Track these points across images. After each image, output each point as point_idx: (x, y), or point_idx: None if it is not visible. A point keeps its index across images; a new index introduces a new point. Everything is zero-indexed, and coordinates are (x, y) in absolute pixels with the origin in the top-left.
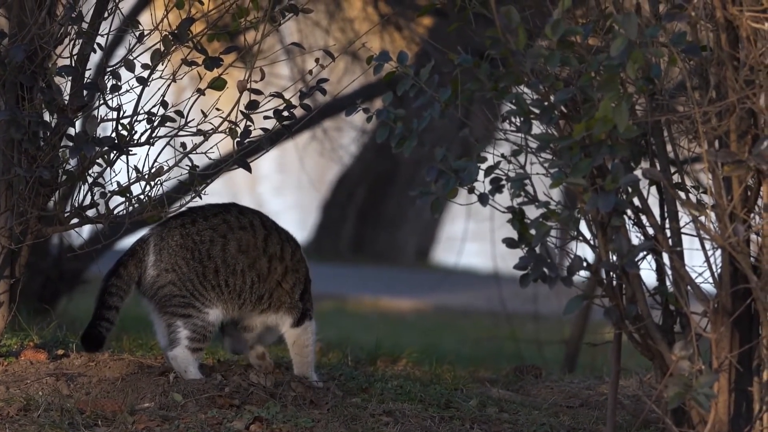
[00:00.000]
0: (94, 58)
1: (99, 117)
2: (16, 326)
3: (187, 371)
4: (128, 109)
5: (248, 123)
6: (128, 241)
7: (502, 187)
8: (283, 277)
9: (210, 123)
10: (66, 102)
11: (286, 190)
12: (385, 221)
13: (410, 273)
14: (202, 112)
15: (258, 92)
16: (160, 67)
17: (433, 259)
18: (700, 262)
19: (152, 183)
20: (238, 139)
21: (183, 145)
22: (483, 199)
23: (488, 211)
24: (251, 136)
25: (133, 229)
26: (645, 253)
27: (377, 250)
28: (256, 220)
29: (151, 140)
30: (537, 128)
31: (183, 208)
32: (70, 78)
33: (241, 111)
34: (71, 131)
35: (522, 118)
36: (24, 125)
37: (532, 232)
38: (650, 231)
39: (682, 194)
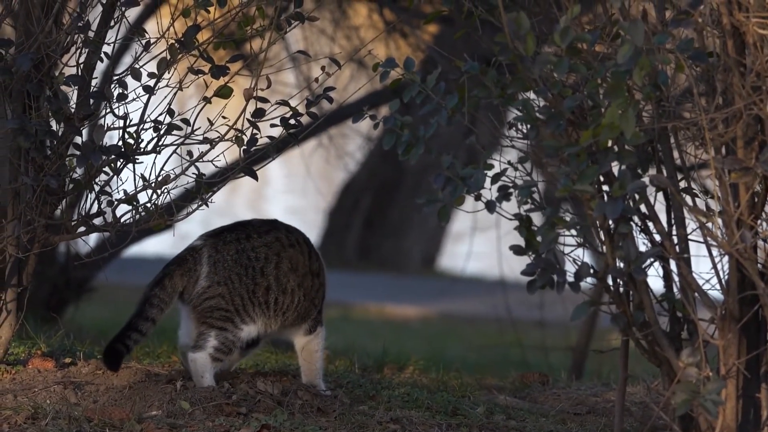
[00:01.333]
0: (101, 66)
1: (106, 126)
2: (24, 335)
3: (203, 377)
4: (135, 117)
5: (254, 131)
6: (135, 249)
7: (509, 194)
8: (317, 292)
9: (216, 131)
10: (73, 111)
11: (292, 197)
12: (390, 228)
13: (416, 280)
14: (209, 120)
15: (264, 100)
16: (166, 75)
17: (438, 266)
18: (707, 269)
19: (159, 191)
20: (245, 147)
21: (189, 153)
22: (490, 206)
23: (494, 218)
24: (257, 143)
25: (140, 237)
26: (652, 259)
27: (383, 257)
28: (300, 237)
29: (158, 148)
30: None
31: (231, 224)
32: (76, 87)
33: (247, 119)
34: (78, 140)
35: (529, 125)
36: (31, 134)
37: (539, 239)
38: (657, 238)
39: (689, 200)
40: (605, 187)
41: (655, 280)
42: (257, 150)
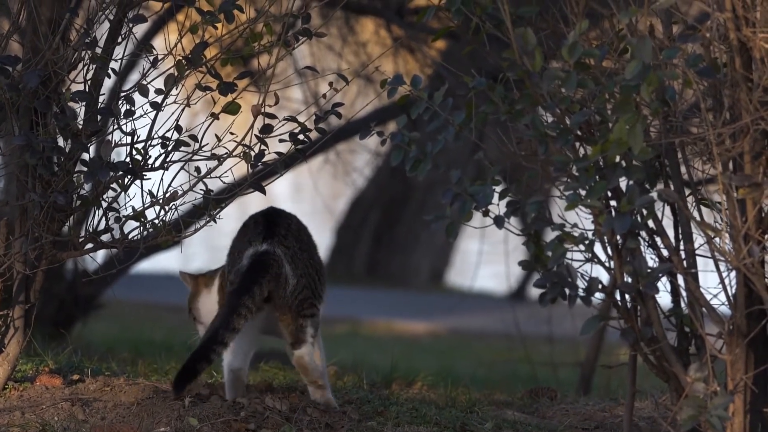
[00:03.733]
0: (108, 83)
1: (113, 142)
2: (32, 351)
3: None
4: (142, 133)
5: (262, 147)
6: (143, 265)
7: (518, 209)
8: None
9: (224, 147)
10: (80, 127)
11: (300, 212)
12: (399, 244)
13: (424, 296)
14: (216, 136)
15: (272, 116)
16: (174, 91)
17: (447, 282)
18: (714, 284)
19: (167, 207)
20: (253, 163)
21: (197, 169)
22: (499, 221)
23: (502, 233)
24: (265, 159)
25: (148, 253)
26: (662, 274)
27: (391, 273)
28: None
29: (166, 165)
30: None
31: (264, 219)
32: (84, 103)
33: (255, 135)
34: (85, 156)
35: (538, 141)
36: (39, 150)
37: (548, 254)
38: (665, 252)
39: (697, 215)
40: (613, 202)
41: (662, 295)
42: (265, 166)
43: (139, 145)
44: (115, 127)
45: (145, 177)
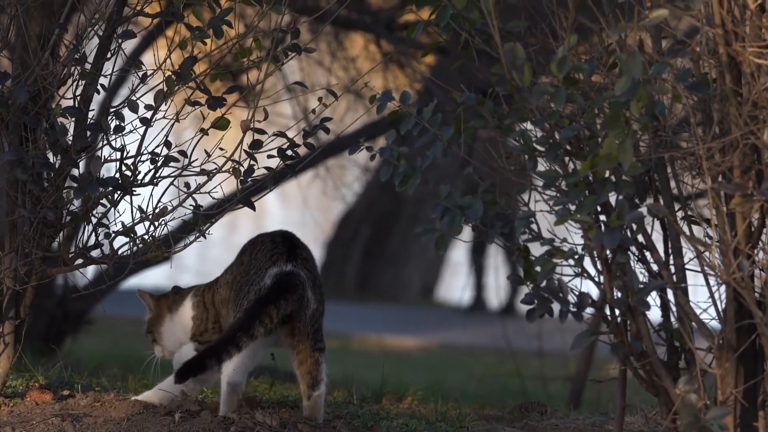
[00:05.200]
0: (98, 98)
1: (103, 157)
2: (22, 367)
3: (322, 410)
4: (132, 149)
5: (252, 162)
6: (133, 281)
7: (506, 225)
8: None
9: (214, 163)
10: (70, 143)
11: (290, 228)
12: (389, 259)
13: (415, 311)
14: (206, 151)
15: (261, 131)
16: (163, 107)
17: (437, 297)
18: (704, 298)
19: (156, 223)
20: (242, 179)
21: (187, 185)
22: (488, 236)
23: (492, 248)
24: (255, 175)
25: (138, 269)
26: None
27: (382, 287)
28: None
29: (155, 180)
30: (542, 165)
31: (282, 239)
32: (73, 119)
33: (244, 150)
34: (75, 172)
35: (527, 155)
36: (29, 166)
37: (538, 269)
38: (655, 267)
39: (687, 229)
40: (603, 217)
41: (652, 309)
42: (255, 181)
43: (129, 161)
44: (105, 142)
45: (134, 192)
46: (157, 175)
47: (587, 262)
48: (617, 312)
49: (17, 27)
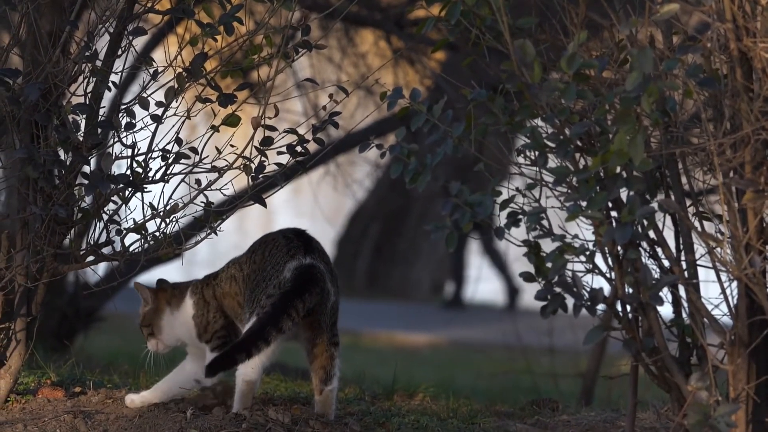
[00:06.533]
0: (109, 95)
1: (114, 154)
2: (33, 364)
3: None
4: (143, 146)
5: (263, 159)
6: (144, 278)
7: (518, 221)
8: None
9: (224, 159)
10: (81, 140)
11: (301, 225)
12: (399, 256)
13: (425, 308)
14: (217, 148)
15: (272, 128)
16: (174, 104)
17: (447, 294)
18: (716, 294)
19: (167, 220)
20: (253, 175)
21: (198, 181)
22: (499, 233)
23: (503, 245)
24: (265, 171)
25: (149, 266)
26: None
27: (392, 285)
28: None
29: (166, 177)
30: (552, 162)
31: (295, 236)
32: (84, 116)
33: (255, 147)
34: (86, 169)
35: (537, 152)
36: (40, 163)
37: (549, 265)
38: (666, 263)
39: (698, 225)
40: (614, 213)
41: (664, 305)
42: (265, 178)
43: (140, 158)
44: (116, 139)
45: (145, 189)
46: (168, 172)
47: (598, 258)
48: (629, 308)
49: (28, 24)
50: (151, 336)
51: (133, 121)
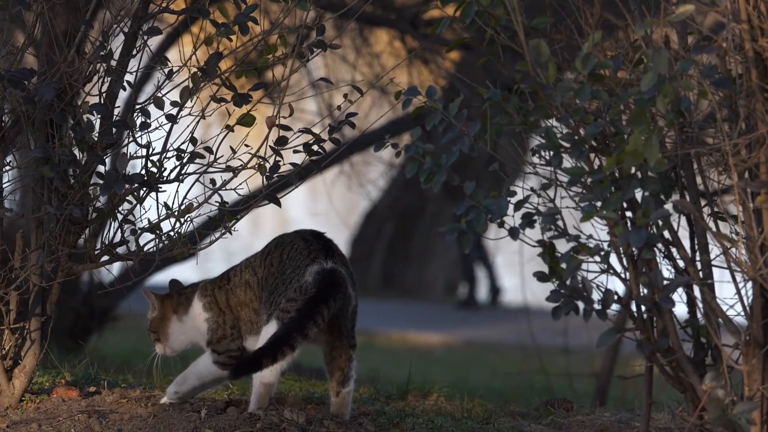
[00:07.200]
0: (123, 95)
1: (129, 154)
2: (48, 364)
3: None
4: (157, 146)
5: (277, 158)
6: (158, 277)
7: (533, 221)
8: None
9: (239, 159)
10: (96, 140)
11: (315, 224)
12: (413, 256)
13: (439, 308)
14: (231, 148)
15: (287, 128)
16: (188, 103)
17: (461, 294)
18: (731, 295)
19: (182, 220)
20: (267, 175)
21: (212, 181)
22: (514, 233)
23: (517, 245)
24: (280, 171)
25: (163, 265)
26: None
27: (406, 285)
28: None
29: (181, 177)
30: (567, 162)
31: (314, 238)
32: (99, 116)
33: (270, 146)
34: (101, 169)
35: (552, 152)
36: (55, 163)
37: (563, 265)
38: (681, 264)
39: (713, 226)
40: (629, 213)
41: (678, 306)
42: (280, 177)
43: (155, 158)
44: (131, 139)
45: (160, 189)
46: (183, 172)
47: (613, 259)
48: (643, 309)
49: (43, 24)
50: (157, 341)
51: (148, 120)
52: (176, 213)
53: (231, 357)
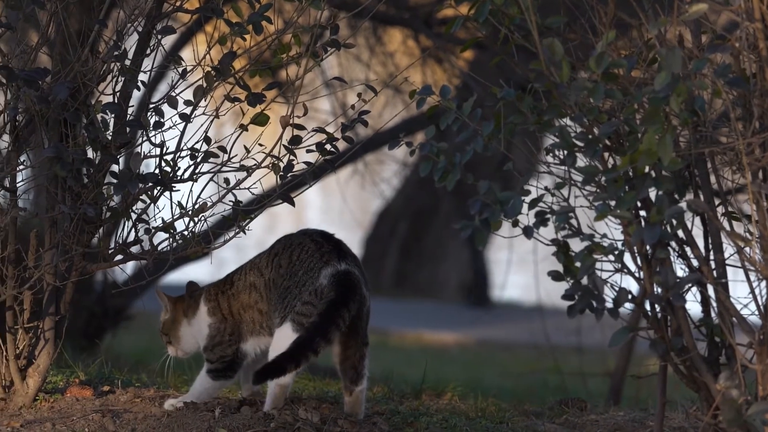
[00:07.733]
0: (137, 94)
1: (142, 154)
2: (62, 363)
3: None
4: (171, 145)
5: (291, 158)
6: (172, 277)
7: (546, 220)
8: None
9: (253, 158)
10: (109, 139)
11: (329, 223)
12: (427, 255)
13: (452, 307)
14: (245, 147)
15: (300, 127)
16: (202, 103)
17: (475, 293)
18: (745, 294)
19: (196, 219)
20: (281, 174)
21: (226, 180)
22: (528, 232)
23: (531, 243)
24: (294, 170)
25: (177, 265)
26: (689, 285)
27: (419, 284)
28: None
29: (195, 176)
30: (581, 161)
31: (324, 239)
32: (113, 115)
33: (284, 146)
34: (115, 168)
35: (566, 151)
36: (68, 162)
37: (578, 264)
38: (695, 263)
39: (727, 225)
40: (643, 213)
41: (692, 305)
42: (294, 177)
43: (168, 157)
44: (145, 138)
45: (174, 188)
46: (197, 171)
47: (627, 258)
48: (657, 308)
49: (57, 24)
50: (169, 343)
51: (162, 120)
52: (190, 212)
53: (224, 362)
